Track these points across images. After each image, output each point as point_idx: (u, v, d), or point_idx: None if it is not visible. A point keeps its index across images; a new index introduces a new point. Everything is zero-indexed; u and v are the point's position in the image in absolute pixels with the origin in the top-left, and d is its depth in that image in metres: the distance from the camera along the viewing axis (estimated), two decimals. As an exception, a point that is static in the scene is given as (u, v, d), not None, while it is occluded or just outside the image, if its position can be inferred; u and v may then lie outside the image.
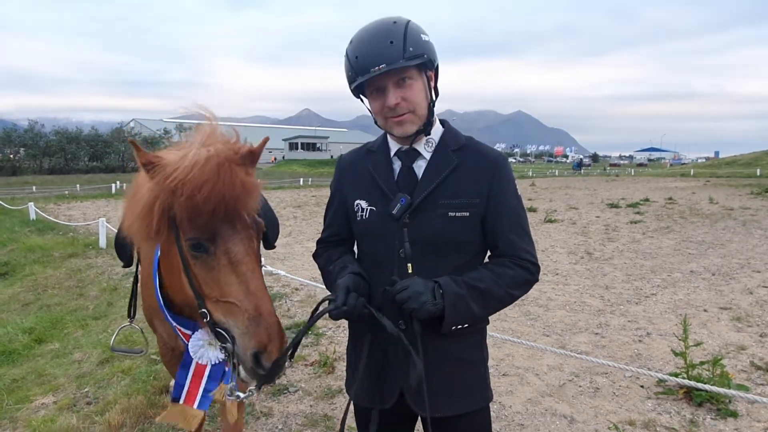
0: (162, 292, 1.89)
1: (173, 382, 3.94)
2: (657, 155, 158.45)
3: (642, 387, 3.88)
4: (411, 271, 1.54)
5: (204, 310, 1.51)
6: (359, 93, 1.61)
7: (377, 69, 1.47)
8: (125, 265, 2.95)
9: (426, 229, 1.56)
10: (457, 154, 1.62)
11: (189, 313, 1.81)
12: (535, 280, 1.61)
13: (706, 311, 5.70)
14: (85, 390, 3.98)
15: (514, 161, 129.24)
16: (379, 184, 1.63)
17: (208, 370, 1.97)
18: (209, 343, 1.84)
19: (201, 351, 1.85)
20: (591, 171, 65.77)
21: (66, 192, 26.84)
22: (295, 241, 10.79)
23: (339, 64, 1.61)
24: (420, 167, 1.63)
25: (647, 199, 19.29)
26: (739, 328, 5.15)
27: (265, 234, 1.68)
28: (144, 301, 2.27)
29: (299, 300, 6.26)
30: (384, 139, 1.71)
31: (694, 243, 10.03)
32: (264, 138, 1.57)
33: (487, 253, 1.69)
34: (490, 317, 1.67)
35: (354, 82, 1.54)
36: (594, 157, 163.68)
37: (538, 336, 5.02)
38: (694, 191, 24.39)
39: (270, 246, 2.64)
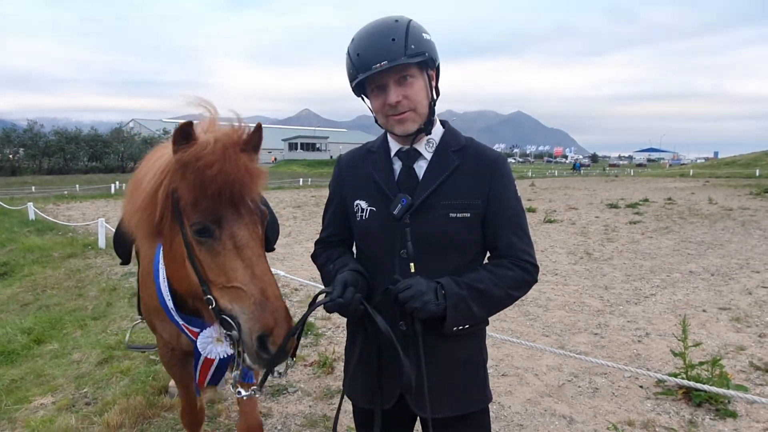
0: (168, 288, 1.89)
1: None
2: (656, 155, 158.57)
3: (641, 387, 3.88)
4: (414, 271, 1.54)
5: (209, 296, 1.50)
6: (360, 92, 1.61)
7: (379, 66, 1.47)
8: (123, 263, 2.94)
9: (427, 230, 1.56)
10: (458, 154, 1.62)
11: (194, 304, 1.80)
12: (534, 281, 1.62)
13: (705, 311, 5.70)
14: (84, 390, 3.97)
15: (513, 162, 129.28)
16: (380, 184, 1.63)
17: (215, 363, 2.00)
18: (217, 339, 1.87)
19: (209, 347, 1.88)
20: (590, 171, 65.80)
21: (65, 192, 26.80)
22: (295, 242, 10.79)
23: (339, 64, 1.61)
24: (421, 167, 1.62)
25: (646, 200, 19.29)
26: (738, 328, 5.16)
27: (266, 235, 1.68)
28: (144, 302, 2.27)
29: (299, 300, 6.26)
30: (384, 139, 1.71)
31: (693, 243, 10.03)
32: (257, 123, 1.58)
33: (487, 254, 1.69)
34: (489, 318, 1.67)
35: (355, 79, 1.54)
36: (593, 158, 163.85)
37: (537, 336, 5.02)
38: (693, 191, 24.41)
39: (270, 247, 2.63)
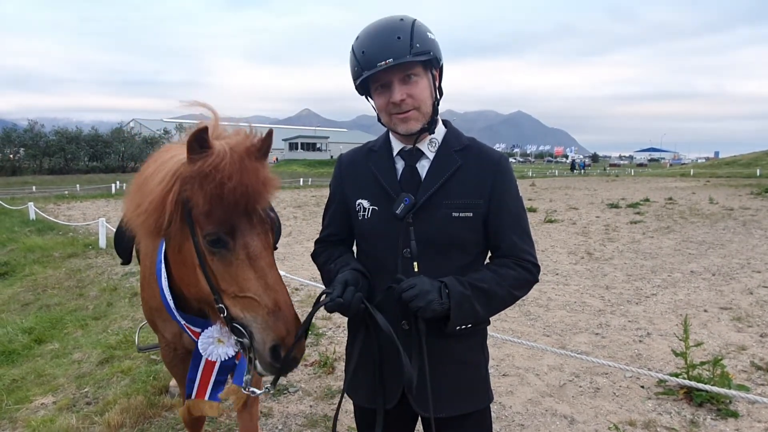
0: (171, 288, 1.88)
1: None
2: (657, 155, 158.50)
3: (642, 387, 3.88)
4: (417, 270, 1.54)
5: (221, 305, 1.50)
6: (364, 90, 1.61)
7: (384, 63, 1.47)
8: (123, 262, 2.93)
9: (429, 229, 1.56)
10: (460, 154, 1.61)
11: (200, 309, 1.79)
12: (536, 280, 1.62)
13: (706, 311, 5.70)
14: (85, 390, 3.97)
15: (514, 161, 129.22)
16: (382, 183, 1.62)
17: (217, 366, 1.99)
18: (218, 340, 1.85)
19: (210, 348, 1.86)
20: (590, 171, 65.80)
21: (66, 192, 26.79)
22: (295, 241, 10.78)
23: (339, 64, 1.64)
24: (423, 167, 1.62)
25: (647, 199, 19.27)
26: (740, 328, 5.15)
27: None
28: (144, 302, 2.25)
29: (299, 300, 6.26)
30: (386, 139, 1.70)
31: (694, 243, 10.02)
32: (269, 130, 1.56)
33: (488, 254, 1.69)
34: (490, 318, 1.67)
35: (360, 77, 1.53)
36: (594, 157, 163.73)
37: (538, 336, 5.02)
38: (694, 191, 24.39)
39: (273, 247, 2.63)
